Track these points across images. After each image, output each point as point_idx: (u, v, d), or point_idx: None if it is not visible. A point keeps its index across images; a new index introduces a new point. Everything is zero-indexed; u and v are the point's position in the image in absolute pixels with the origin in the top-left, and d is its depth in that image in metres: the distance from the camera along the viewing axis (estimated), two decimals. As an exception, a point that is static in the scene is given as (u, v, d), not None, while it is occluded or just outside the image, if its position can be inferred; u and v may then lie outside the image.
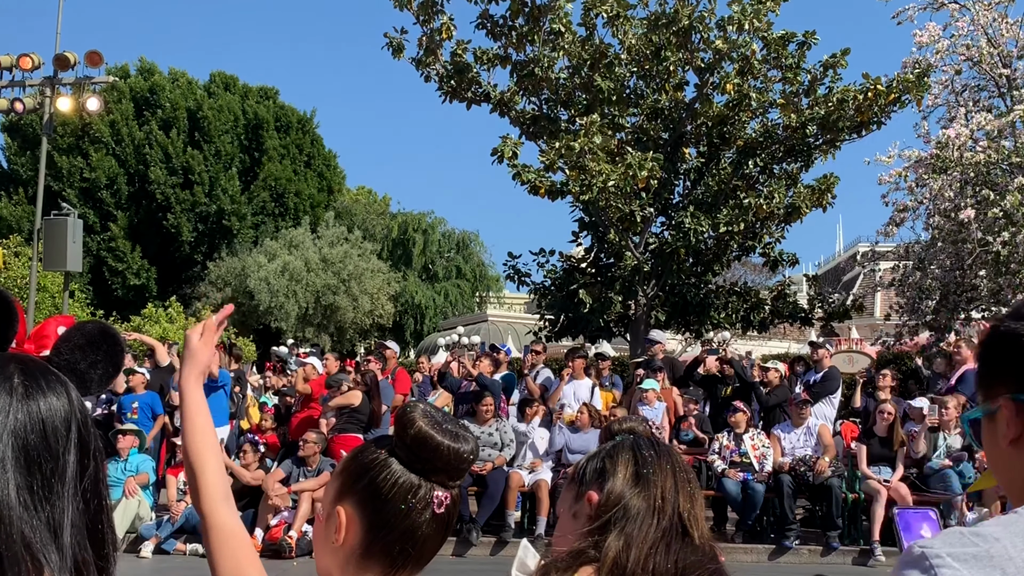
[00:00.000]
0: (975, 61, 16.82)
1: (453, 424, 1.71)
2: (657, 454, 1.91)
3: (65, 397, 1.23)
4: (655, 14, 18.19)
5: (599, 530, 1.81)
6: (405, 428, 1.69)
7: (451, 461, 1.68)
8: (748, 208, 17.18)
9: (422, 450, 1.68)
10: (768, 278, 25.77)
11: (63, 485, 1.17)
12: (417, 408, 1.71)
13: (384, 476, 1.67)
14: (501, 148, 17.84)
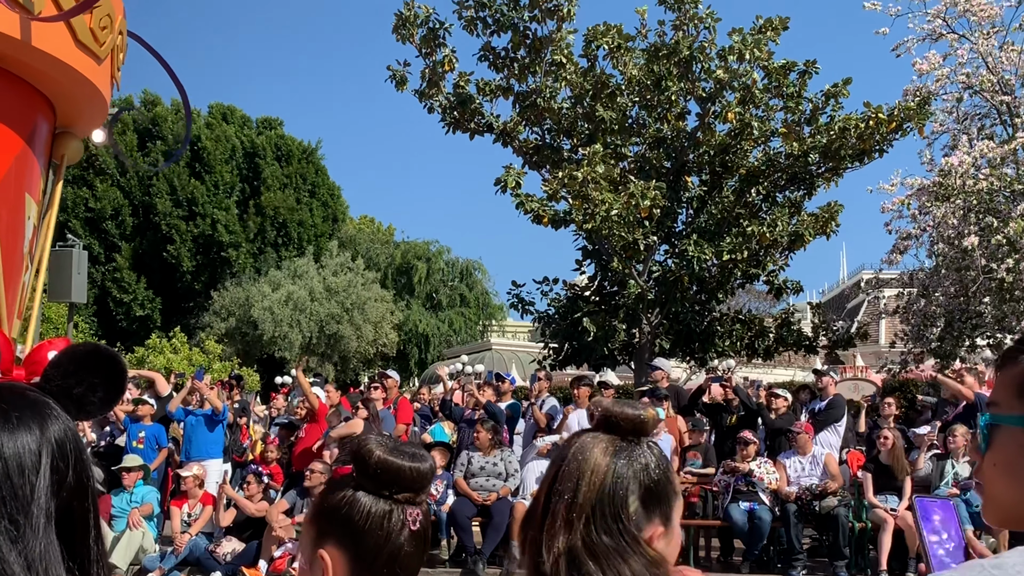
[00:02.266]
0: (975, 89, 16.91)
1: (407, 447, 1.81)
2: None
3: (37, 431, 1.19)
4: (655, 45, 18.34)
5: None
6: (366, 459, 1.78)
7: (415, 480, 1.78)
8: (751, 236, 17.21)
9: (386, 475, 1.76)
10: (772, 305, 25.76)
11: (31, 521, 1.14)
12: (369, 440, 1.80)
13: (357, 510, 1.73)
14: (504, 178, 17.93)
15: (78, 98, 4.96)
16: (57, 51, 4.50)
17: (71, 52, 4.60)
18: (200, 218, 39.96)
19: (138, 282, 39.51)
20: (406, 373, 38.47)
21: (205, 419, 12.60)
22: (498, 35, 18.69)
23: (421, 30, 18.52)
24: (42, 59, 4.48)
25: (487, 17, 18.46)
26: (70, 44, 4.58)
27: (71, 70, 4.64)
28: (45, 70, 4.60)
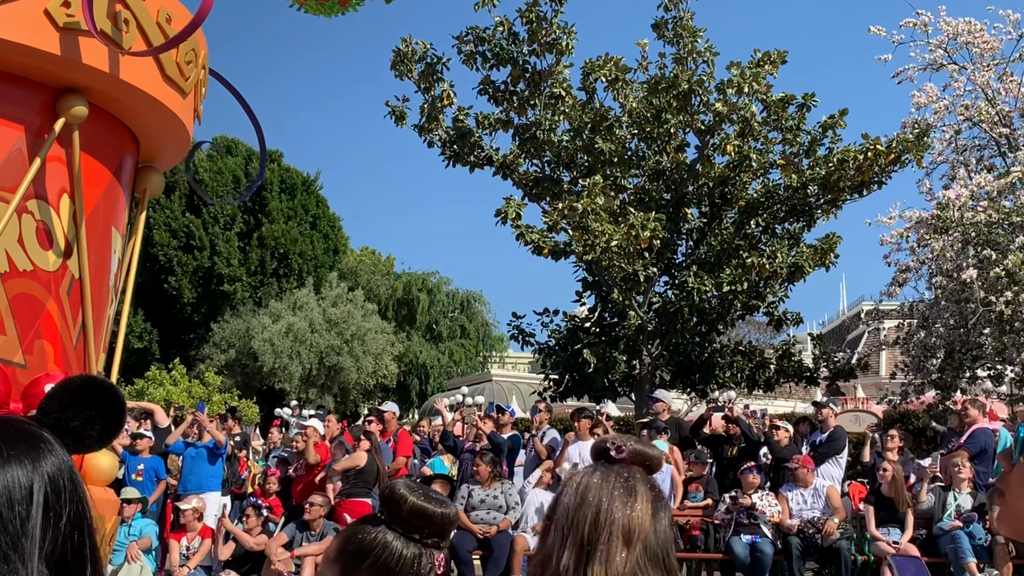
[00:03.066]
0: (974, 121, 17.02)
1: (434, 492, 1.87)
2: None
3: (29, 465, 1.19)
4: (655, 78, 18.48)
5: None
6: (399, 504, 1.83)
7: (444, 526, 1.84)
8: (751, 267, 17.25)
9: (418, 520, 1.82)
10: (772, 336, 25.76)
11: (23, 556, 1.14)
12: (400, 485, 1.86)
13: (389, 552, 1.81)
14: (504, 210, 18.00)
15: (162, 132, 5.00)
16: (145, 85, 4.55)
17: (158, 86, 4.65)
18: (198, 251, 40.14)
19: (136, 314, 39.53)
20: (406, 404, 38.41)
21: (207, 452, 12.58)
22: (497, 69, 18.85)
23: (419, 66, 18.68)
24: (130, 93, 4.52)
25: (486, 51, 18.63)
26: (157, 78, 4.63)
27: (158, 104, 4.68)
28: (132, 104, 4.64)
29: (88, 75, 4.31)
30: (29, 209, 4.30)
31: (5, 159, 4.20)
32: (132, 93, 4.53)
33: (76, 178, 4.42)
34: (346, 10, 4.71)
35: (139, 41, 4.38)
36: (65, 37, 4.13)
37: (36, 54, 4.12)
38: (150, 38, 4.42)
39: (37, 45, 4.09)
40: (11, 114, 4.26)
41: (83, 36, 4.17)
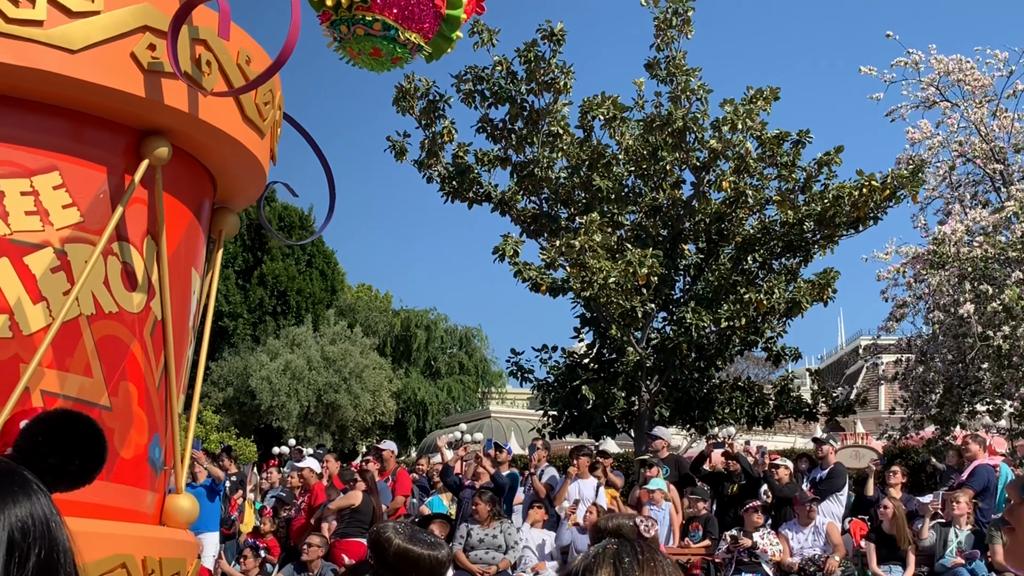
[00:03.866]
0: (968, 157, 17.13)
1: (424, 534, 1.83)
2: (639, 563, 1.91)
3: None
4: (650, 116, 18.62)
5: None
6: (384, 547, 1.80)
7: (433, 568, 1.79)
8: (749, 303, 17.28)
9: (405, 564, 1.77)
10: (771, 372, 25.72)
11: None
12: (387, 528, 1.82)
13: None
14: (502, 247, 18.08)
15: (240, 172, 5.05)
16: (226, 125, 4.60)
17: (238, 127, 4.70)
18: (197, 288, 40.17)
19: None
20: (404, 442, 38.21)
21: (205, 491, 12.50)
22: (496, 107, 19.00)
23: (421, 102, 18.85)
24: (211, 133, 4.58)
25: (485, 90, 18.79)
26: (237, 119, 4.68)
27: (238, 144, 4.73)
28: (212, 144, 4.69)
29: (171, 116, 4.35)
30: (114, 251, 4.33)
31: (91, 202, 4.25)
32: (213, 134, 4.58)
33: (159, 220, 4.47)
34: (396, 66, 4.80)
35: (220, 82, 4.43)
36: (149, 79, 4.19)
37: (121, 96, 4.17)
38: (231, 79, 4.48)
39: (123, 87, 4.14)
40: (96, 156, 4.31)
41: (166, 78, 4.22)
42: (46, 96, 4.14)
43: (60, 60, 3.99)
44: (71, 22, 4.01)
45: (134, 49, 4.14)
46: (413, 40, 4.55)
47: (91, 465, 1.38)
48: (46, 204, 4.13)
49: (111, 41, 4.08)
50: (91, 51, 4.03)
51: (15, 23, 3.91)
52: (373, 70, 4.74)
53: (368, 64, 4.65)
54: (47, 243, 4.12)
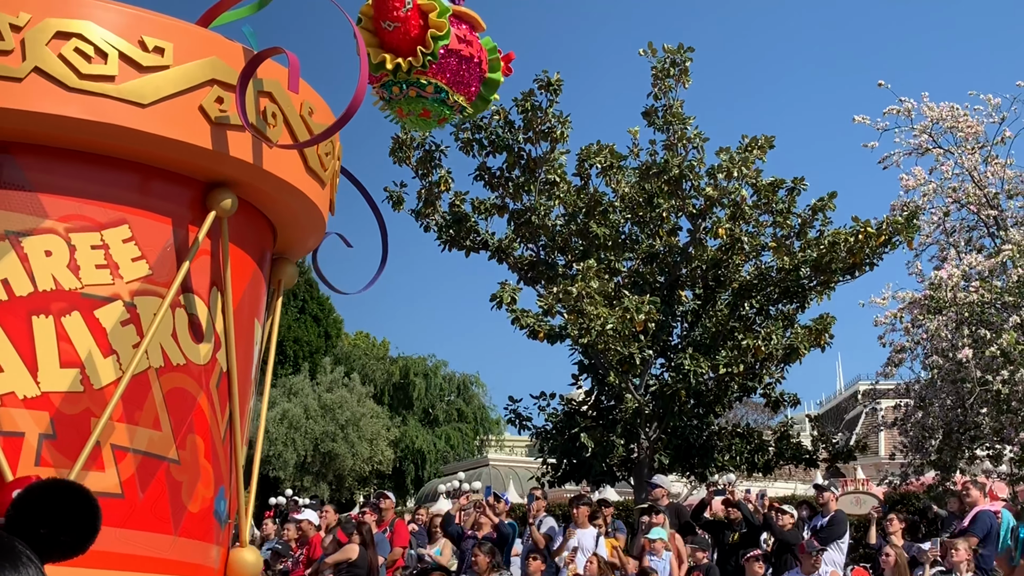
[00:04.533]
0: (962, 203, 17.23)
1: None
2: None
3: None
4: (646, 164, 18.75)
5: None
6: None
7: None
8: (747, 349, 17.26)
9: None
10: (770, 417, 25.64)
11: None
12: None
13: None
14: (500, 294, 18.12)
15: (302, 223, 5.10)
16: (290, 176, 4.66)
17: (301, 177, 4.76)
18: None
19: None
20: (402, 491, 37.93)
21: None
22: (493, 156, 19.14)
23: (417, 152, 18.99)
24: (275, 184, 4.64)
25: (483, 139, 18.94)
26: (301, 170, 4.75)
27: (301, 195, 4.79)
28: (275, 195, 4.75)
29: (236, 168, 4.42)
30: (181, 303, 4.38)
31: (159, 254, 4.31)
32: (277, 185, 4.64)
33: (225, 271, 4.52)
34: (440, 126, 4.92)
35: (285, 134, 4.50)
36: (216, 131, 4.26)
37: (189, 149, 4.24)
38: (295, 131, 4.55)
39: (191, 140, 4.21)
40: (163, 209, 4.37)
41: (232, 130, 4.29)
42: (116, 150, 4.21)
43: (131, 114, 4.07)
44: (142, 76, 4.10)
45: (202, 102, 4.22)
46: (460, 102, 4.68)
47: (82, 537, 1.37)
48: (116, 257, 4.19)
49: (180, 95, 4.17)
50: (161, 105, 4.12)
51: (88, 79, 4.00)
52: (417, 129, 4.87)
53: (415, 124, 4.77)
54: (117, 296, 4.17)
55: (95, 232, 4.14)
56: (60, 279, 4.04)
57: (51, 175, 4.11)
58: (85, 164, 4.19)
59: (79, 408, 3.98)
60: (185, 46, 4.21)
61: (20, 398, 3.88)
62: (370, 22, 4.54)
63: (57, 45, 3.96)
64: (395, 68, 4.50)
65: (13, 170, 4.06)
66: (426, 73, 4.57)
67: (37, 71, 3.92)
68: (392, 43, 4.50)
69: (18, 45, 3.91)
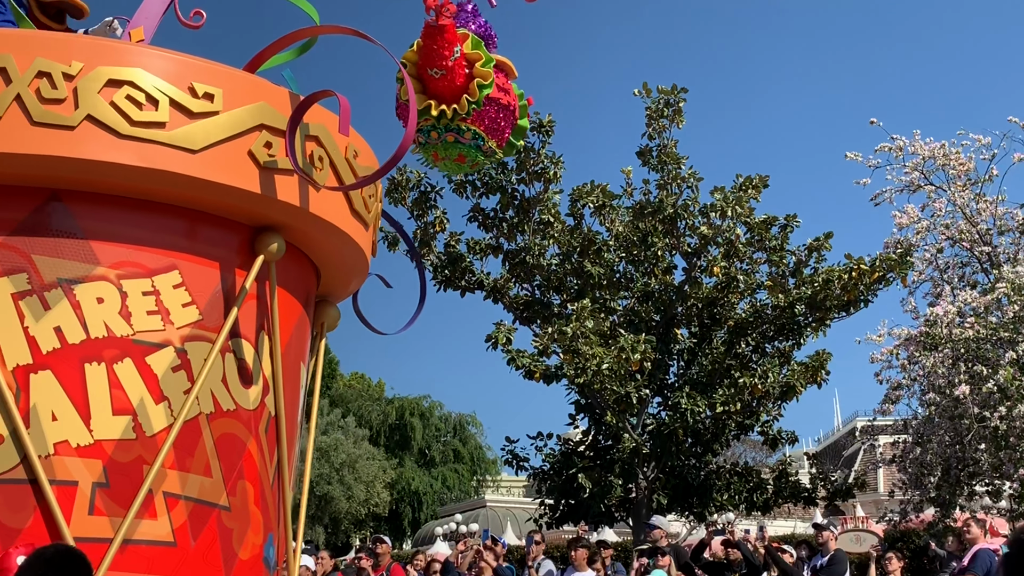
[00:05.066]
0: (955, 240, 17.40)
1: None
2: None
3: None
4: (641, 203, 18.88)
5: None
6: None
7: None
8: (743, 387, 17.30)
9: None
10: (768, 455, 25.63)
11: None
12: None
13: None
14: (495, 335, 18.10)
15: (346, 265, 5.09)
16: (335, 218, 4.66)
17: (347, 220, 4.76)
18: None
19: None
20: (399, 533, 37.54)
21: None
22: (487, 196, 19.22)
23: (413, 193, 19.07)
24: (322, 227, 4.63)
25: (476, 180, 19.03)
26: (346, 212, 4.74)
27: (346, 237, 4.78)
28: (321, 237, 4.74)
29: (283, 212, 4.42)
30: (230, 348, 4.36)
31: (208, 299, 4.29)
32: (324, 227, 4.64)
33: (273, 315, 4.51)
34: (472, 170, 4.98)
35: (331, 177, 4.52)
36: (264, 176, 4.27)
37: (238, 193, 4.24)
38: (341, 174, 4.57)
39: (240, 185, 4.22)
40: (212, 254, 4.37)
41: (279, 174, 4.30)
42: (166, 196, 4.22)
43: (182, 160, 4.07)
44: (192, 123, 4.11)
45: (251, 147, 4.24)
46: (493, 148, 4.75)
47: None
48: (167, 303, 4.18)
49: (230, 140, 4.18)
50: (211, 150, 4.13)
51: (139, 125, 4.01)
52: (449, 172, 4.92)
53: (449, 167, 4.83)
54: (168, 342, 4.16)
55: (146, 278, 4.14)
56: (112, 326, 4.02)
57: (102, 222, 4.11)
58: (135, 210, 4.20)
59: (131, 456, 3.95)
60: (234, 92, 4.24)
61: (73, 446, 3.85)
62: (414, 68, 4.59)
63: (109, 93, 3.98)
64: (439, 114, 4.56)
65: (65, 218, 4.06)
66: (466, 120, 4.63)
67: (89, 119, 3.93)
68: (436, 90, 4.55)
69: (71, 93, 3.93)
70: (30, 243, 3.99)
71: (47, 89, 3.90)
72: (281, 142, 4.27)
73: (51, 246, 4.01)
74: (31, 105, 3.88)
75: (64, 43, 4.06)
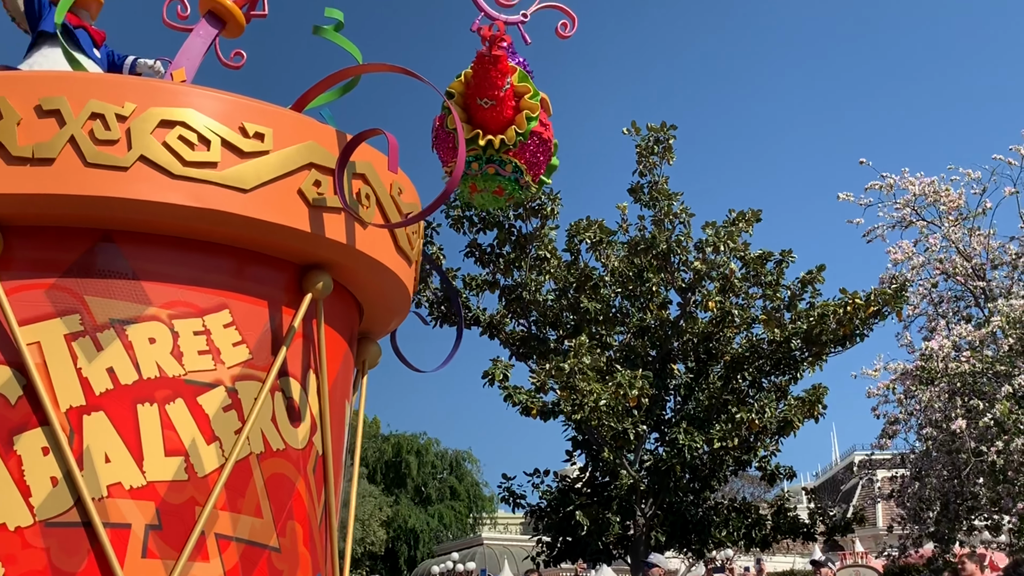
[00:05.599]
0: (950, 274, 17.54)
1: None
2: None
3: None
4: (635, 239, 18.97)
5: None
6: None
7: None
8: (741, 423, 17.31)
9: None
10: (766, 490, 25.60)
11: None
12: None
13: None
14: (492, 371, 18.06)
15: (389, 302, 5.08)
16: (381, 256, 4.66)
17: (392, 256, 4.76)
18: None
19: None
20: (395, 572, 37.15)
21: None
22: (484, 232, 19.27)
23: (409, 229, 19.05)
24: (368, 264, 4.63)
25: (473, 216, 19.09)
26: (391, 249, 4.74)
27: (391, 274, 4.78)
28: (367, 275, 4.73)
29: (331, 249, 4.43)
30: (279, 386, 4.34)
31: (258, 338, 4.27)
32: (371, 265, 4.64)
33: (320, 353, 4.50)
34: (507, 204, 4.99)
35: (376, 215, 4.53)
36: (313, 214, 4.27)
37: (288, 232, 4.25)
38: (386, 212, 4.58)
39: (290, 223, 4.22)
40: (261, 293, 4.36)
41: (327, 212, 4.32)
42: (217, 235, 4.22)
43: (234, 199, 4.08)
44: (244, 162, 4.12)
45: (301, 186, 4.25)
46: (529, 182, 4.77)
47: None
48: (218, 343, 4.16)
49: (280, 179, 4.20)
50: (262, 189, 4.14)
51: (192, 165, 4.02)
52: (484, 206, 4.93)
53: (485, 200, 4.84)
54: (219, 382, 4.13)
55: (197, 318, 4.13)
56: (164, 366, 4.00)
57: (153, 262, 4.10)
58: (185, 250, 4.19)
59: (184, 497, 3.92)
60: (283, 131, 4.25)
61: (127, 488, 3.81)
62: (460, 97, 4.61)
63: (162, 133, 3.98)
64: (486, 144, 4.57)
65: (117, 258, 4.05)
66: (508, 152, 4.65)
67: (143, 159, 3.93)
68: (483, 120, 4.57)
69: (124, 135, 3.93)
70: (82, 284, 3.98)
71: (100, 130, 3.91)
72: (329, 180, 4.30)
73: (103, 287, 4.00)
74: (85, 146, 3.88)
75: (117, 84, 4.08)
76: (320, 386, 4.50)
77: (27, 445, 3.77)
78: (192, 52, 4.80)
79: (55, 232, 4.01)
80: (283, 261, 4.44)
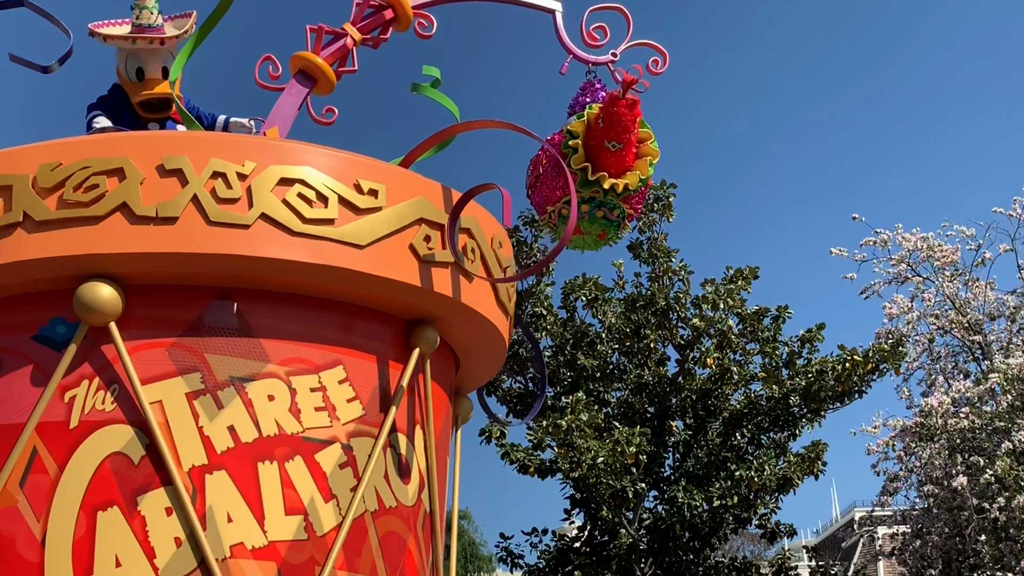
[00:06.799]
0: (946, 329, 17.74)
1: None
2: None
3: None
4: (632, 296, 19.06)
5: None
6: None
7: None
8: (740, 480, 17.28)
9: None
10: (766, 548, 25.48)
11: None
12: None
13: None
14: (489, 428, 17.94)
15: (486, 355, 5.09)
16: (484, 309, 4.67)
17: (493, 310, 4.77)
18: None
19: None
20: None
21: None
22: (480, 290, 19.22)
23: (407, 285, 19.01)
24: (472, 318, 4.64)
25: (468, 273, 19.04)
26: (492, 302, 4.76)
27: (492, 328, 4.78)
28: (469, 329, 4.73)
29: (438, 304, 4.45)
30: (390, 443, 4.32)
31: (370, 394, 4.26)
32: (475, 319, 4.66)
33: (427, 408, 4.50)
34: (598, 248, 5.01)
35: (480, 268, 4.57)
36: (423, 269, 4.29)
37: (399, 287, 4.27)
38: (489, 265, 4.62)
39: (402, 278, 4.25)
40: (371, 348, 4.37)
41: (436, 267, 4.34)
42: (331, 291, 4.24)
43: (351, 256, 4.10)
44: (359, 219, 4.15)
45: (412, 241, 4.28)
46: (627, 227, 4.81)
47: None
48: (333, 399, 4.15)
49: (394, 235, 4.23)
50: (377, 245, 4.17)
51: (311, 222, 4.04)
52: (583, 248, 4.94)
53: (585, 243, 4.86)
54: (335, 439, 4.11)
55: (313, 374, 4.12)
56: (283, 423, 3.97)
57: (270, 319, 4.10)
58: (299, 306, 4.20)
59: (304, 557, 3.86)
60: (395, 187, 4.29)
61: (249, 548, 3.76)
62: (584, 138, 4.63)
63: (281, 191, 4.01)
64: (609, 188, 4.58)
65: (236, 316, 4.04)
66: (621, 197, 4.68)
67: (264, 217, 3.95)
68: (606, 163, 4.59)
69: (244, 193, 3.95)
70: (203, 343, 3.96)
71: (223, 189, 3.94)
72: (438, 235, 4.35)
73: (223, 344, 3.99)
74: (207, 205, 3.90)
75: (236, 143, 4.12)
76: (427, 441, 4.49)
77: (151, 505, 3.72)
78: (285, 110, 4.84)
79: (174, 290, 4.01)
80: (391, 316, 4.47)
